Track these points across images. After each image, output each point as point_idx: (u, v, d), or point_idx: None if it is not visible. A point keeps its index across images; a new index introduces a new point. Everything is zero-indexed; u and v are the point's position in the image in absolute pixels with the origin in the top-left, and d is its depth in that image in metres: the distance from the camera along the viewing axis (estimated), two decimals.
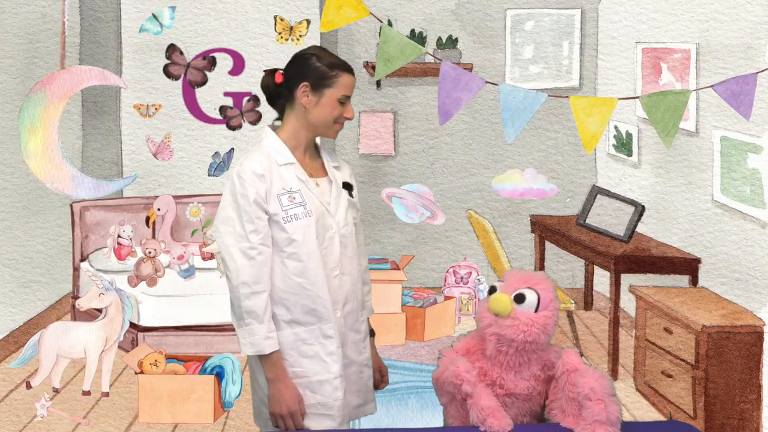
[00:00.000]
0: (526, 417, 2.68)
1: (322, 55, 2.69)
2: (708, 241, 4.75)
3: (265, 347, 2.56)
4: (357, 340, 2.74)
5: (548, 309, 2.62)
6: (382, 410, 4.24)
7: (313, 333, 2.63)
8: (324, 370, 2.63)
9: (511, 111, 3.60)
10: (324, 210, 2.67)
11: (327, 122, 2.69)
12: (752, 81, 3.55)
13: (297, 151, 2.71)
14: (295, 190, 2.64)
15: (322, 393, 2.62)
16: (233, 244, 2.57)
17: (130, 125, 5.90)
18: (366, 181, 6.38)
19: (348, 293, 2.70)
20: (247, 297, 2.56)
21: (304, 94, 2.66)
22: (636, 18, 5.70)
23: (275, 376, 2.58)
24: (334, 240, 2.67)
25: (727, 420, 4.03)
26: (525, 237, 6.27)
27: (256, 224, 2.57)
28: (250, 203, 2.58)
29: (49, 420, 4.21)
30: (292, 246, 2.61)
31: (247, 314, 2.57)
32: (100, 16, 6.08)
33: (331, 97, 2.66)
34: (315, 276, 2.61)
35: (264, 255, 2.58)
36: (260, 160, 2.64)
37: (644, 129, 5.58)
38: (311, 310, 2.62)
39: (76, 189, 4.96)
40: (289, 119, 2.72)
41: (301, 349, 2.63)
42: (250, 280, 2.56)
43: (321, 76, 2.65)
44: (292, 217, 2.61)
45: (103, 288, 4.41)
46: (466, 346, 2.72)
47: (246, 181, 2.59)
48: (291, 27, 5.84)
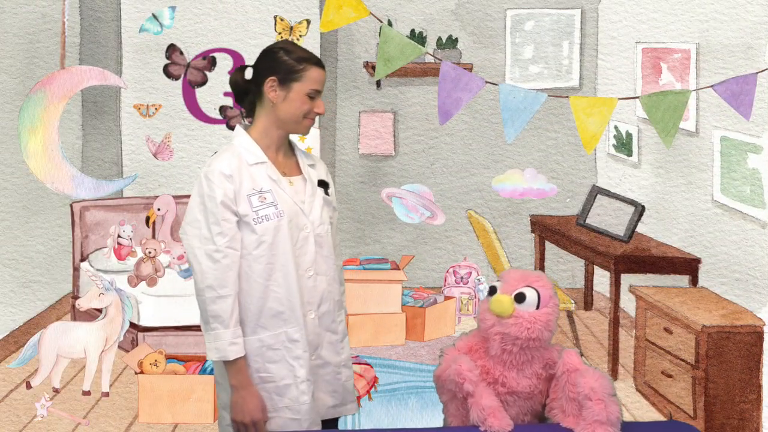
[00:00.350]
0: (528, 416, 2.68)
1: (291, 48, 2.63)
2: (708, 241, 4.75)
3: (230, 353, 2.51)
4: (334, 340, 2.71)
5: (548, 306, 2.63)
6: (382, 410, 4.24)
7: (278, 338, 2.58)
8: (290, 375, 2.58)
9: (511, 111, 3.60)
10: (298, 209, 2.61)
11: (296, 117, 2.61)
12: (752, 81, 3.55)
13: (269, 149, 2.64)
14: (266, 190, 2.57)
15: (288, 397, 2.58)
16: (199, 247, 2.52)
17: (130, 125, 5.90)
18: (366, 181, 6.38)
19: (323, 293, 2.66)
20: (212, 301, 2.51)
21: (271, 89, 2.59)
22: (636, 18, 5.70)
23: (239, 383, 2.54)
24: (309, 240, 2.62)
25: (727, 420, 4.03)
26: (525, 237, 6.27)
27: (223, 226, 2.52)
28: (217, 205, 2.52)
29: (49, 420, 4.21)
30: (260, 248, 2.55)
31: (212, 318, 2.52)
32: (100, 16, 6.08)
33: (299, 91, 2.59)
34: (285, 278, 2.56)
35: (230, 258, 2.52)
36: (229, 160, 2.57)
37: (644, 129, 5.58)
38: (278, 314, 2.57)
39: (76, 189, 4.96)
40: (260, 117, 2.65)
41: (267, 354, 2.58)
42: (215, 284, 2.50)
43: (288, 70, 2.59)
44: (262, 218, 2.55)
45: (103, 288, 4.40)
46: (469, 344, 2.72)
47: (213, 182, 2.53)
48: (291, 27, 5.84)
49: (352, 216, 6.39)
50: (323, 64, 2.67)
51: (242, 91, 2.68)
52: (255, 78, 2.64)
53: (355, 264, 5.35)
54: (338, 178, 6.39)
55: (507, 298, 2.62)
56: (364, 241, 6.38)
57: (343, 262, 5.40)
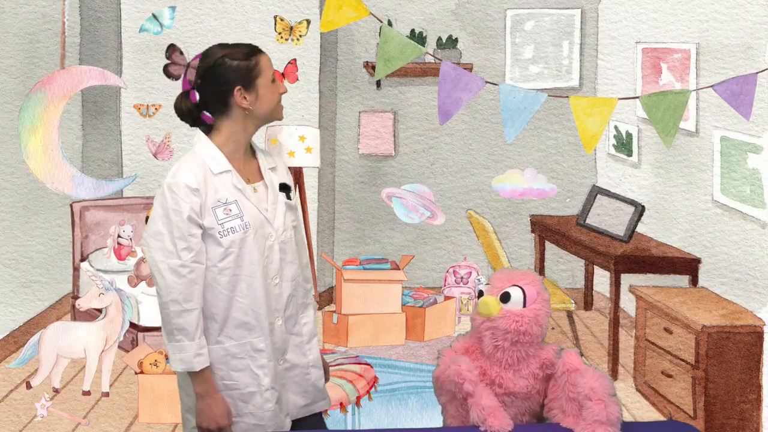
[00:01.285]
0: (526, 416, 2.68)
1: (230, 52, 2.56)
2: (708, 241, 4.75)
3: (196, 364, 2.50)
4: (299, 342, 2.68)
5: (536, 302, 2.65)
6: (382, 410, 4.24)
7: (243, 347, 2.57)
8: (254, 383, 2.58)
9: (511, 111, 3.60)
10: (263, 218, 2.57)
11: (273, 107, 2.58)
12: (752, 81, 3.55)
13: (234, 156, 2.58)
14: (231, 201, 2.52)
15: (253, 403, 2.58)
16: (162, 260, 2.46)
17: (130, 125, 5.90)
18: (366, 181, 6.38)
19: (288, 299, 2.64)
20: (177, 315, 2.48)
21: (242, 98, 2.53)
22: (636, 18, 5.70)
23: (205, 392, 2.53)
24: (274, 248, 2.59)
25: (727, 420, 4.03)
26: (525, 237, 6.27)
27: (189, 241, 2.46)
28: (183, 220, 2.46)
29: (49, 420, 4.21)
30: (226, 260, 2.52)
31: (177, 331, 2.49)
32: (100, 16, 6.08)
33: (263, 84, 2.55)
34: (250, 288, 2.54)
35: (196, 272, 2.48)
36: (194, 171, 2.50)
37: (644, 129, 5.58)
38: (242, 324, 2.55)
39: (76, 189, 4.96)
40: (224, 125, 2.57)
41: (231, 362, 2.57)
42: (180, 298, 2.47)
43: (246, 72, 2.54)
44: (228, 230, 2.51)
45: (103, 288, 4.40)
46: (465, 346, 2.73)
47: (179, 196, 2.47)
48: (291, 27, 5.84)
49: (352, 216, 6.39)
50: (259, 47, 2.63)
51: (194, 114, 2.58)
52: (215, 98, 2.55)
53: (355, 264, 5.35)
54: (338, 178, 6.39)
55: (492, 299, 2.65)
56: (364, 241, 6.39)
57: (343, 262, 5.40)
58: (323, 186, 6.15)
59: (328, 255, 6.26)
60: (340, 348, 5.18)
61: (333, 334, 5.22)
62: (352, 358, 3.91)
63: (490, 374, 2.65)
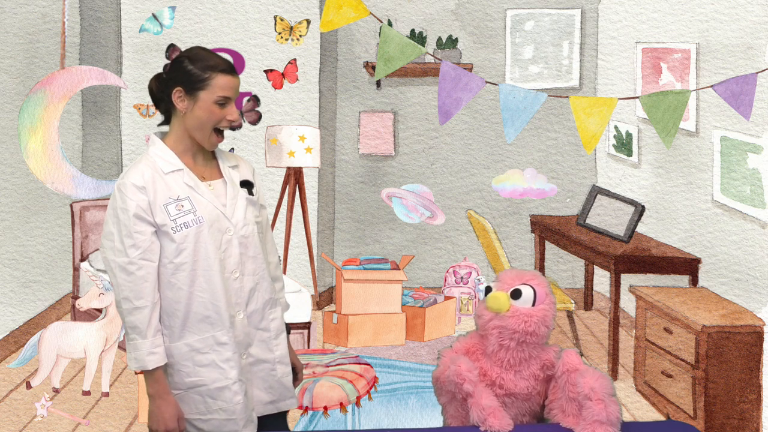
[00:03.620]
0: (526, 417, 2.68)
1: (197, 56, 2.59)
2: (708, 241, 4.75)
3: (148, 363, 2.52)
4: (265, 338, 2.70)
5: (545, 303, 2.66)
6: (382, 410, 4.24)
7: (206, 342, 2.59)
8: (222, 377, 2.59)
9: (511, 111, 3.60)
10: (219, 213, 2.60)
11: (205, 127, 2.58)
12: (752, 81, 3.55)
13: (185, 155, 2.62)
14: (183, 197, 2.56)
15: (222, 399, 2.60)
16: (113, 259, 2.52)
17: (130, 125, 5.90)
18: (366, 181, 6.38)
19: (250, 293, 2.66)
20: (129, 312, 2.51)
21: (179, 99, 2.57)
22: (636, 18, 5.70)
23: (156, 392, 2.55)
24: (233, 242, 2.62)
25: (727, 420, 4.03)
26: (525, 237, 6.27)
27: (135, 239, 2.51)
28: (130, 217, 2.51)
29: (49, 420, 4.21)
30: (181, 256, 2.55)
31: (130, 329, 2.53)
32: (100, 16, 6.08)
33: (206, 100, 2.56)
34: (208, 282, 2.57)
35: (144, 270, 2.52)
36: (142, 171, 2.56)
37: (644, 129, 5.58)
38: (204, 318, 2.58)
39: (76, 189, 4.96)
40: (174, 124, 2.63)
41: (196, 358, 2.59)
42: (130, 296, 2.51)
43: (194, 80, 2.56)
44: (181, 225, 2.54)
45: (103, 288, 4.41)
46: (466, 346, 2.73)
47: (126, 195, 2.52)
48: (291, 27, 5.84)
49: (352, 216, 6.39)
50: (233, 70, 2.61)
51: (156, 98, 2.66)
52: (164, 87, 2.61)
53: (355, 264, 5.35)
54: (338, 178, 6.39)
55: (503, 294, 2.65)
56: (364, 241, 6.39)
57: (343, 262, 5.40)
58: (323, 186, 6.15)
59: (328, 255, 6.26)
60: (340, 348, 5.18)
61: (333, 334, 5.22)
62: (352, 358, 3.91)
63: (491, 375, 2.65)
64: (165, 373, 2.57)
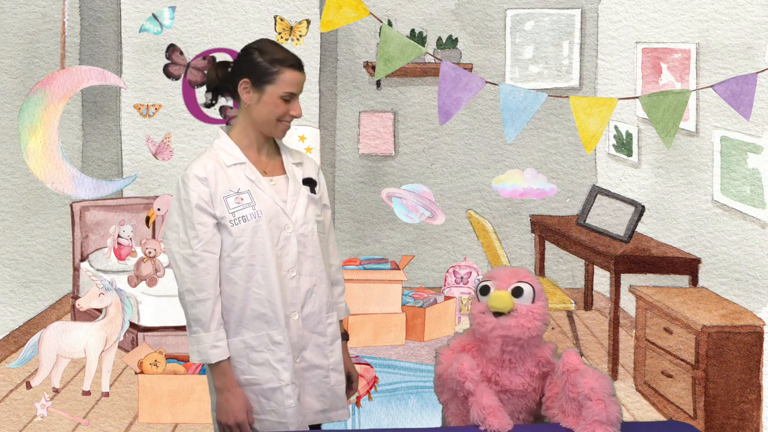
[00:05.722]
0: (522, 413, 2.68)
1: (267, 49, 2.59)
2: (708, 241, 4.75)
3: (211, 356, 2.51)
4: (321, 343, 2.65)
5: (541, 299, 2.67)
6: (382, 410, 4.24)
7: (261, 340, 2.55)
8: (275, 378, 2.56)
9: (511, 111, 3.60)
10: (278, 209, 2.58)
11: (269, 120, 2.57)
12: (752, 81, 3.55)
13: (250, 149, 2.62)
14: (243, 191, 2.55)
15: (274, 400, 2.56)
16: (177, 251, 2.52)
17: (130, 125, 5.90)
18: (366, 181, 6.38)
19: (306, 295, 2.61)
20: (191, 305, 2.50)
21: (245, 91, 2.57)
22: (636, 18, 5.70)
23: (223, 385, 2.52)
24: (291, 240, 2.58)
25: (727, 420, 4.03)
26: (525, 237, 6.27)
27: (198, 230, 2.50)
28: (192, 208, 2.51)
29: (49, 420, 4.21)
30: (239, 250, 2.53)
31: (193, 322, 2.52)
32: (100, 16, 6.08)
33: (272, 94, 2.55)
34: (265, 279, 2.54)
35: (206, 262, 2.51)
36: (205, 163, 2.56)
37: (644, 129, 5.58)
38: (260, 315, 2.55)
39: (76, 189, 4.96)
40: (239, 117, 2.63)
41: (251, 356, 2.56)
42: (193, 288, 2.50)
43: (261, 73, 2.56)
44: (240, 219, 2.53)
45: (103, 288, 4.41)
46: (462, 343, 2.73)
47: (189, 186, 2.53)
48: (291, 27, 5.84)
49: (352, 216, 6.39)
50: (301, 66, 2.61)
51: (216, 87, 2.66)
52: (231, 78, 2.62)
53: (355, 264, 5.35)
54: (338, 178, 6.39)
55: (506, 293, 2.64)
56: (364, 241, 6.39)
57: (343, 262, 5.40)
58: None
59: None
60: None
61: None
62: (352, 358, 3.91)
63: (487, 372, 2.65)
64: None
